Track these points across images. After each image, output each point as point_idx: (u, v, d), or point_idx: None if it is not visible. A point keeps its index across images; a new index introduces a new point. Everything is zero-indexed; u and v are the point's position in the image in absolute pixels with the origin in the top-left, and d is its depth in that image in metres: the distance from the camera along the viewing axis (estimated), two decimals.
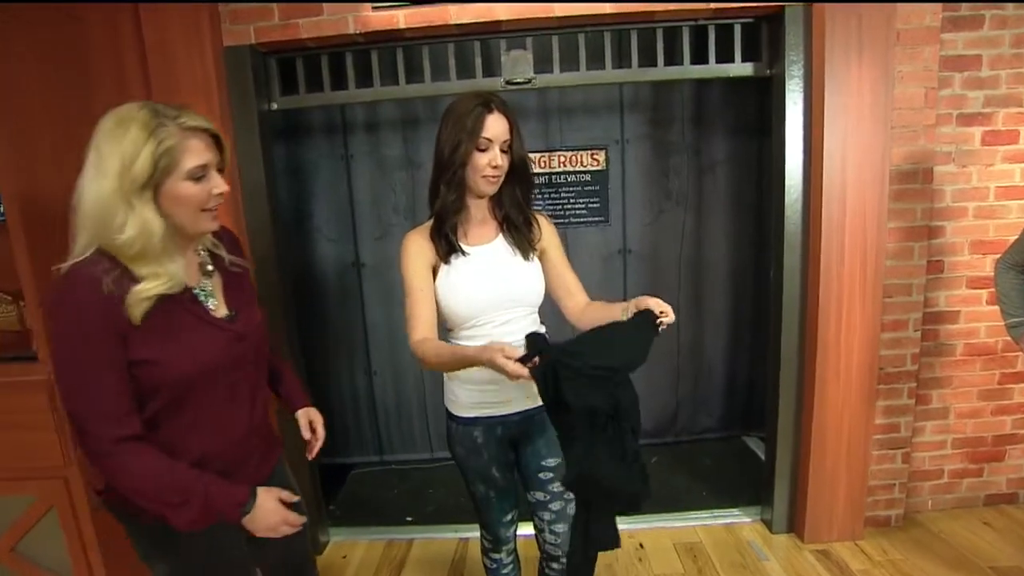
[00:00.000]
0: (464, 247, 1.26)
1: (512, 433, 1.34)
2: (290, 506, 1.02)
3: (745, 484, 2.49)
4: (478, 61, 1.99)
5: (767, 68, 1.97)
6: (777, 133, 1.96)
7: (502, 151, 1.21)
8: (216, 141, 0.94)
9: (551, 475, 1.34)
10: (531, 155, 2.66)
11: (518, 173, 1.27)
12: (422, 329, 1.20)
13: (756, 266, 2.76)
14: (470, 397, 1.31)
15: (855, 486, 2.07)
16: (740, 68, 1.97)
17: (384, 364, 2.84)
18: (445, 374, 1.34)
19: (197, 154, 0.90)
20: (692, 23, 1.93)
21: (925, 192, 1.95)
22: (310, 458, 1.22)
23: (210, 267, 1.03)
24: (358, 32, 1.85)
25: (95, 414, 0.86)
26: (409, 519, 2.46)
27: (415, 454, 2.95)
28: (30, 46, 1.51)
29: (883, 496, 2.17)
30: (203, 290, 1.00)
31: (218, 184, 0.94)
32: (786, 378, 2.07)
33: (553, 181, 2.71)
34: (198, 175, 0.90)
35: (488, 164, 1.19)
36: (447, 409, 1.37)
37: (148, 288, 0.87)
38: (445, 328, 1.30)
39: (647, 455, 2.81)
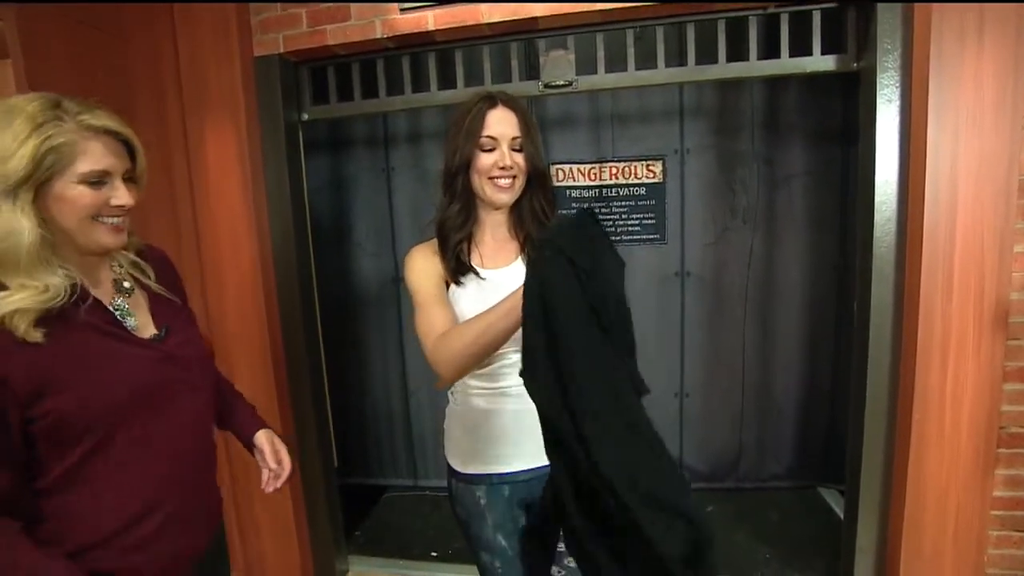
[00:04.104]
0: (479, 270, 1.10)
1: (522, 495, 1.13)
2: None
3: (819, 547, 2.13)
4: (515, 63, 1.83)
5: (853, 61, 1.65)
6: (866, 138, 1.64)
7: (513, 150, 1.05)
8: (128, 149, 0.85)
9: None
10: (580, 166, 2.54)
11: (534, 182, 1.10)
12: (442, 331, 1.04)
13: (838, 295, 2.39)
14: (469, 444, 1.13)
15: (966, 574, 1.66)
16: (819, 62, 1.67)
17: (421, 383, 2.71)
18: (447, 411, 1.20)
19: (95, 158, 0.80)
20: (760, 12, 1.67)
21: None
22: (268, 491, 1.07)
23: (127, 284, 0.92)
24: (386, 36, 1.75)
25: None
26: (434, 554, 2.29)
27: None
28: (71, 59, 1.52)
29: None
30: (118, 308, 0.89)
31: (120, 194, 0.83)
32: (872, 435, 1.71)
33: (604, 195, 2.48)
34: (94, 180, 0.80)
35: (495, 165, 1.04)
36: (447, 460, 1.19)
37: (12, 300, 0.73)
38: None
39: (701, 501, 2.50)
